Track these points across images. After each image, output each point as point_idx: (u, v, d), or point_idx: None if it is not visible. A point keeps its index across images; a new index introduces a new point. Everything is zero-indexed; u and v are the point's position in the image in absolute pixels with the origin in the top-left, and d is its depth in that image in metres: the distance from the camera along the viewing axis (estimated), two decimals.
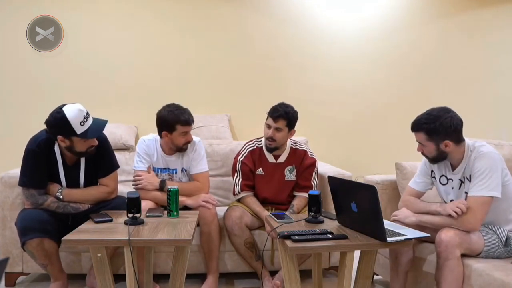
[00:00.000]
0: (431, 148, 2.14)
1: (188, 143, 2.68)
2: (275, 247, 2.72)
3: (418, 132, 2.15)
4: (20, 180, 2.42)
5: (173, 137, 2.62)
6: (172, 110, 2.60)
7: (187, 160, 2.74)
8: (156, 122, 2.65)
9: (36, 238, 2.30)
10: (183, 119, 2.57)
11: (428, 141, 2.13)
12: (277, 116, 2.63)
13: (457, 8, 4.17)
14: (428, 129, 2.10)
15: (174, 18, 3.86)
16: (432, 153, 2.16)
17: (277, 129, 2.66)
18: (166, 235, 2.02)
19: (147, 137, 2.77)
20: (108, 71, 3.80)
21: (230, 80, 3.94)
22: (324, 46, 4.03)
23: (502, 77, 4.27)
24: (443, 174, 2.28)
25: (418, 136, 2.17)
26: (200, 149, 2.75)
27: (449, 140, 2.10)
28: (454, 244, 1.99)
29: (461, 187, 2.19)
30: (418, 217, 2.19)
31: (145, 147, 2.71)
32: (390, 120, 4.12)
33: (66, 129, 2.27)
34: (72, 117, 2.26)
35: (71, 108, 2.28)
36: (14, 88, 3.73)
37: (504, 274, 1.87)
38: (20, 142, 2.58)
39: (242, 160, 2.79)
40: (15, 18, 3.69)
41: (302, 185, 2.78)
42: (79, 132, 2.28)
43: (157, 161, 2.72)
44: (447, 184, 2.26)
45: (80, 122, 2.27)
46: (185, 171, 2.77)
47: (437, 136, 2.10)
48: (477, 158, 2.09)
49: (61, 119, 2.26)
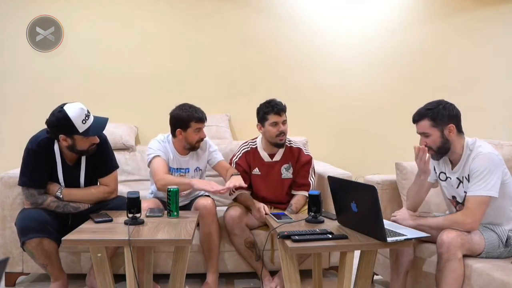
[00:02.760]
0: (436, 136, 2.14)
1: (201, 140, 2.74)
2: (275, 247, 2.72)
3: (422, 120, 2.16)
4: (20, 179, 2.42)
5: (187, 134, 2.68)
6: (186, 108, 2.69)
7: (203, 159, 2.82)
8: (170, 121, 2.71)
9: (35, 238, 2.30)
10: (197, 116, 2.66)
11: (433, 127, 2.13)
12: (281, 109, 2.73)
13: (457, 8, 4.17)
14: (432, 114, 2.13)
15: (174, 18, 3.86)
16: (437, 142, 2.15)
17: (284, 122, 2.74)
18: (166, 235, 2.02)
19: (159, 138, 2.78)
20: (108, 71, 3.80)
21: (230, 80, 3.94)
22: (325, 46, 4.03)
23: (502, 77, 4.27)
24: (442, 171, 2.29)
25: (422, 125, 2.16)
26: (213, 145, 2.88)
27: (452, 124, 2.12)
28: (456, 245, 1.99)
29: (459, 187, 2.20)
30: (416, 220, 2.19)
31: (161, 146, 2.73)
32: (390, 120, 4.12)
33: (68, 127, 2.28)
34: (74, 115, 2.27)
35: (73, 106, 2.30)
36: (14, 88, 3.72)
37: (504, 274, 1.87)
38: (20, 142, 2.59)
39: (236, 161, 2.82)
40: (15, 18, 3.68)
41: (300, 183, 2.79)
42: (81, 130, 2.29)
43: (172, 160, 2.76)
44: (445, 181, 2.28)
45: (82, 120, 2.29)
46: (200, 171, 2.83)
47: (441, 120, 2.12)
48: (476, 158, 2.09)
49: (63, 118, 2.27)
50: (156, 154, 2.67)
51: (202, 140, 2.75)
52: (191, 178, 2.76)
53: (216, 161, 2.82)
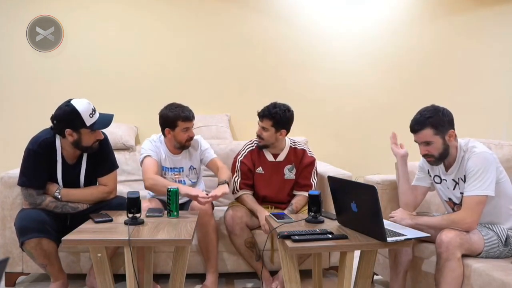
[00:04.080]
0: (438, 144, 2.14)
1: (191, 139, 2.74)
2: (275, 247, 2.72)
3: (424, 129, 2.13)
4: (19, 179, 2.42)
5: (176, 134, 2.69)
6: (173, 108, 2.70)
7: (196, 158, 2.83)
8: (159, 121, 2.74)
9: (34, 238, 2.30)
10: (183, 115, 2.66)
11: (436, 135, 2.13)
12: (262, 115, 2.71)
13: (457, 8, 4.17)
14: (434, 121, 2.11)
15: (174, 18, 3.86)
16: (439, 149, 2.15)
17: (263, 128, 2.71)
18: (166, 235, 2.02)
19: (152, 138, 2.82)
20: (108, 71, 3.80)
21: (230, 80, 3.94)
22: (324, 46, 4.03)
23: (503, 77, 4.27)
24: (437, 174, 2.30)
25: (424, 134, 2.14)
26: (204, 143, 2.88)
27: (452, 129, 2.14)
28: (454, 245, 1.99)
29: (456, 188, 2.21)
30: (414, 219, 2.20)
31: (152, 146, 2.76)
32: (390, 120, 4.12)
33: (77, 121, 2.31)
34: (82, 109, 2.32)
35: (80, 101, 2.35)
36: (14, 88, 3.72)
37: (504, 274, 1.87)
38: (20, 142, 2.59)
39: (241, 159, 2.82)
40: (15, 18, 3.68)
41: (302, 184, 2.79)
42: (88, 124, 2.33)
43: (165, 160, 2.77)
44: (441, 184, 2.29)
45: (89, 114, 2.34)
46: (194, 169, 2.84)
47: (443, 127, 2.12)
48: (471, 159, 2.10)
49: (71, 111, 2.31)
50: (147, 154, 2.71)
51: (192, 139, 2.75)
52: (186, 176, 2.80)
53: (208, 159, 2.84)
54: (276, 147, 2.79)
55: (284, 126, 2.73)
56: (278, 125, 2.70)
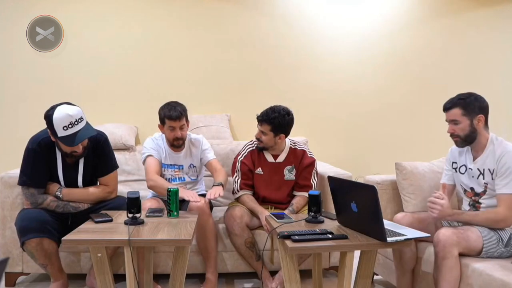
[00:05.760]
0: (465, 124, 2.19)
1: (177, 139, 2.73)
2: (275, 247, 2.72)
3: (454, 108, 2.22)
4: (19, 179, 2.42)
5: (165, 131, 2.75)
6: (165, 105, 2.73)
7: (196, 156, 2.86)
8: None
9: (35, 238, 2.31)
10: (168, 114, 2.68)
11: (463, 116, 2.19)
12: (261, 120, 2.71)
13: (457, 8, 4.17)
14: (464, 103, 2.20)
15: (174, 18, 3.86)
16: (465, 130, 2.20)
17: (262, 132, 2.72)
18: (166, 235, 2.02)
19: (154, 136, 2.86)
20: (108, 71, 3.80)
21: (230, 80, 3.94)
22: (324, 46, 4.03)
23: (504, 77, 4.27)
24: (464, 163, 2.32)
25: (453, 113, 2.22)
26: (206, 143, 2.90)
27: (482, 115, 2.18)
28: (451, 243, 2.00)
29: (479, 178, 2.23)
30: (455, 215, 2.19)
31: (154, 144, 2.79)
32: (390, 120, 4.13)
33: (50, 128, 2.30)
34: (57, 119, 2.25)
35: (62, 110, 2.27)
36: (14, 88, 3.73)
37: (504, 274, 1.87)
38: (20, 142, 2.59)
39: (242, 160, 2.82)
40: (15, 18, 3.69)
41: (302, 184, 2.79)
42: (59, 135, 2.28)
43: (165, 157, 2.80)
44: (465, 174, 2.30)
45: (64, 126, 2.25)
46: (194, 167, 2.86)
47: (472, 110, 2.19)
48: (506, 155, 2.13)
49: (48, 117, 2.28)
50: (149, 153, 2.73)
51: (179, 139, 2.74)
52: (186, 174, 2.83)
53: (207, 160, 2.85)
54: (276, 148, 2.79)
55: (283, 131, 2.73)
56: (277, 130, 2.70)
